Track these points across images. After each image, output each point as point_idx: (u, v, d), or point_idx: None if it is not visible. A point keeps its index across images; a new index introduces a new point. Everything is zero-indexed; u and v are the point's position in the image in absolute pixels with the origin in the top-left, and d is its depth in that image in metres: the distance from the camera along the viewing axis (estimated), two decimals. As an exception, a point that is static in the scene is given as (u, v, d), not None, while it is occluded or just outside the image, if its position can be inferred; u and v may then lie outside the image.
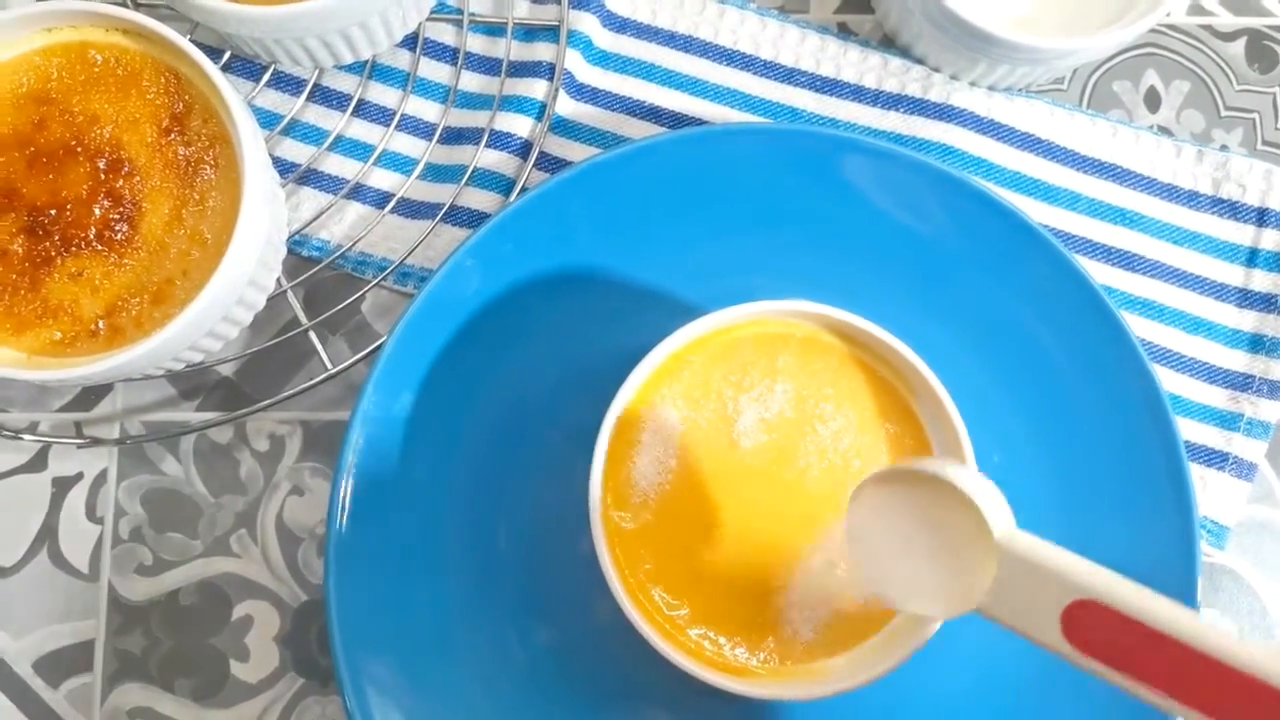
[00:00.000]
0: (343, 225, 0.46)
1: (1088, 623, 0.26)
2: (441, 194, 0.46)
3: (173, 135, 0.39)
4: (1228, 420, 0.45)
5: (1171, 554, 0.39)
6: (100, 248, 0.38)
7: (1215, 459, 0.45)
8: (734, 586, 0.37)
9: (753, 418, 0.37)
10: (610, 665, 0.40)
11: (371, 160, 0.46)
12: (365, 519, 0.40)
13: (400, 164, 0.47)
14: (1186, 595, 0.39)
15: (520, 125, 0.46)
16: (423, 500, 0.41)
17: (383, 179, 0.47)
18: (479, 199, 0.46)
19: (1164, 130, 0.48)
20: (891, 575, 0.32)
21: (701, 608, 0.37)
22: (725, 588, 0.37)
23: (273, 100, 0.47)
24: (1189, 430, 0.45)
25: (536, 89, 0.46)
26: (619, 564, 0.36)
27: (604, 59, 0.48)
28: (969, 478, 0.29)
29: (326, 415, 0.46)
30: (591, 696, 0.40)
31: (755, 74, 0.47)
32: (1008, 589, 0.28)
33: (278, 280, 0.44)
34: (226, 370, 0.46)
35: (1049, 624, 0.27)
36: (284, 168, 0.47)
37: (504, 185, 0.46)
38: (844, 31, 0.48)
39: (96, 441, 0.45)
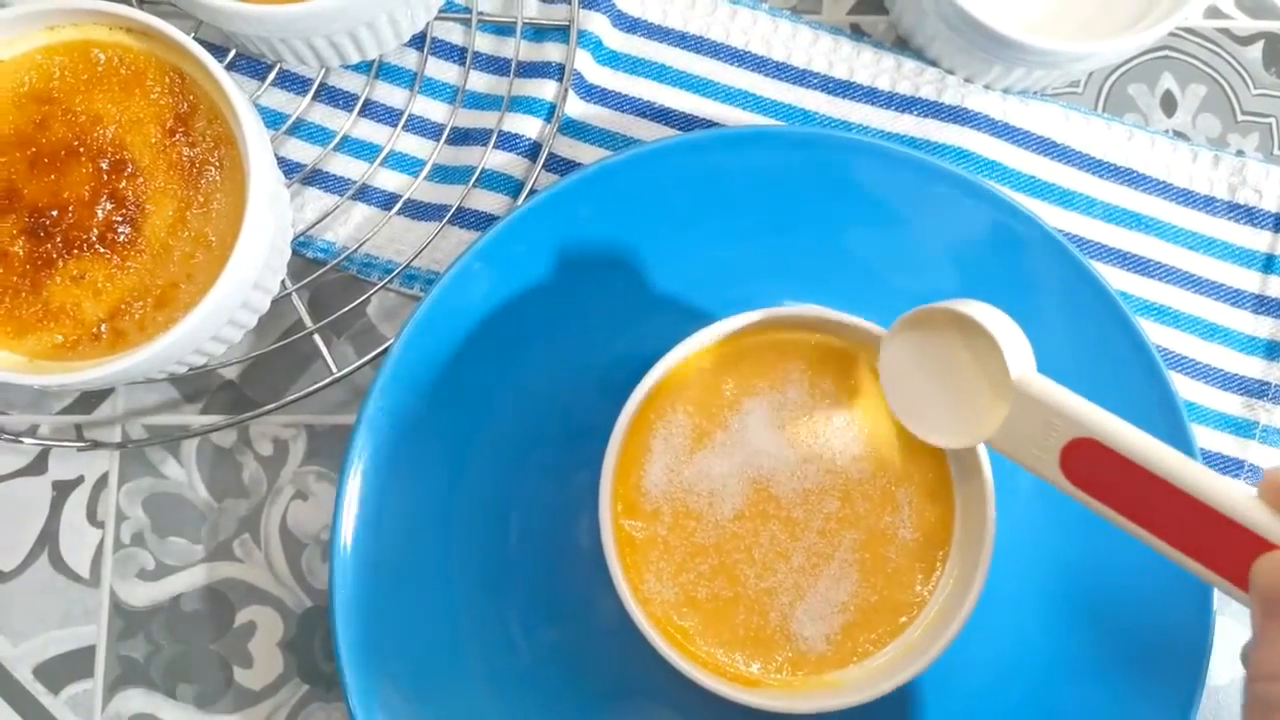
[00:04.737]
0: (348, 227, 0.46)
1: (1085, 460, 0.28)
2: (449, 195, 0.45)
3: (177, 136, 0.39)
4: (1243, 428, 0.44)
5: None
6: (103, 250, 0.38)
7: (1231, 467, 0.44)
8: (746, 596, 0.36)
9: (765, 425, 0.37)
10: (620, 675, 0.40)
11: (378, 161, 0.46)
12: (370, 524, 0.39)
13: (407, 165, 0.46)
14: (1203, 602, 0.39)
15: (529, 126, 0.45)
16: (429, 506, 0.40)
17: (389, 180, 0.46)
18: (487, 201, 0.45)
19: (1180, 135, 0.48)
20: (914, 410, 0.34)
21: (713, 617, 0.36)
22: (737, 597, 0.36)
23: (278, 100, 0.47)
24: (1205, 438, 0.44)
25: (546, 89, 0.46)
26: (630, 574, 0.36)
27: (614, 59, 0.47)
28: (995, 317, 0.31)
29: (331, 419, 0.45)
30: (601, 706, 0.40)
31: (767, 75, 0.47)
32: (1016, 425, 0.30)
33: (282, 282, 0.44)
34: (230, 373, 0.46)
35: (1050, 459, 0.29)
36: (289, 168, 0.46)
37: (512, 187, 0.45)
38: (857, 33, 0.48)
39: (97, 445, 0.45)
